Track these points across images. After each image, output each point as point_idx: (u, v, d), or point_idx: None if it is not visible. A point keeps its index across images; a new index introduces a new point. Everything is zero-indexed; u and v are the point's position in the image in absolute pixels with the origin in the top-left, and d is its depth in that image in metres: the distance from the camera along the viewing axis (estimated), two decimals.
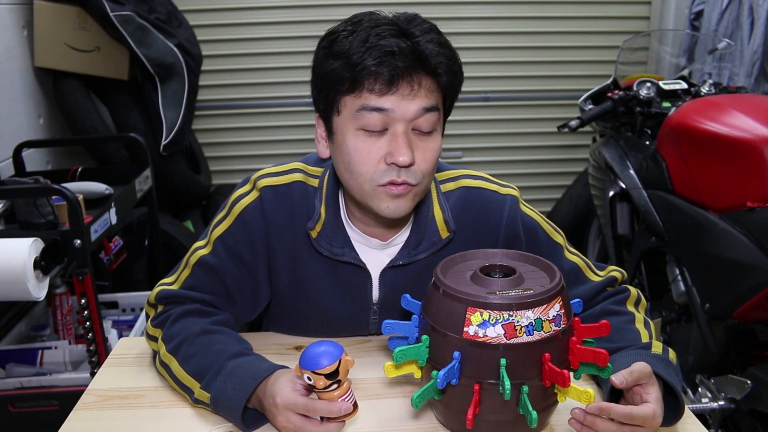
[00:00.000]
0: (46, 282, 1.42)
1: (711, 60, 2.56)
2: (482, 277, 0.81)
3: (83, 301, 1.55)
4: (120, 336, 1.84)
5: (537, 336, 0.75)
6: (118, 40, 2.21)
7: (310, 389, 0.83)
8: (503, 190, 1.06)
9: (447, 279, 0.81)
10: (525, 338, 0.75)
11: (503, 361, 0.74)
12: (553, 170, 3.29)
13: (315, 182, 1.04)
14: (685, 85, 2.05)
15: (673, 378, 0.84)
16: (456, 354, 0.76)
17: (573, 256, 1.06)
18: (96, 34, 2.23)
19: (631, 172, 1.99)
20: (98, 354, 1.61)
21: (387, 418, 0.88)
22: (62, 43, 2.20)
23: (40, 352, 1.69)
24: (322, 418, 0.82)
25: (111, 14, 2.13)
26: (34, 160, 2.13)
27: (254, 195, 1.02)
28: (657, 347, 0.90)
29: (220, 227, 1.03)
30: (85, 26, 2.22)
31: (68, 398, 1.43)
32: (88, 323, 1.58)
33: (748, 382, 1.50)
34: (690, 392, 1.69)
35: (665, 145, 1.81)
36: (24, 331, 1.86)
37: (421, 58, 0.86)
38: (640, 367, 0.79)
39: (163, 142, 2.31)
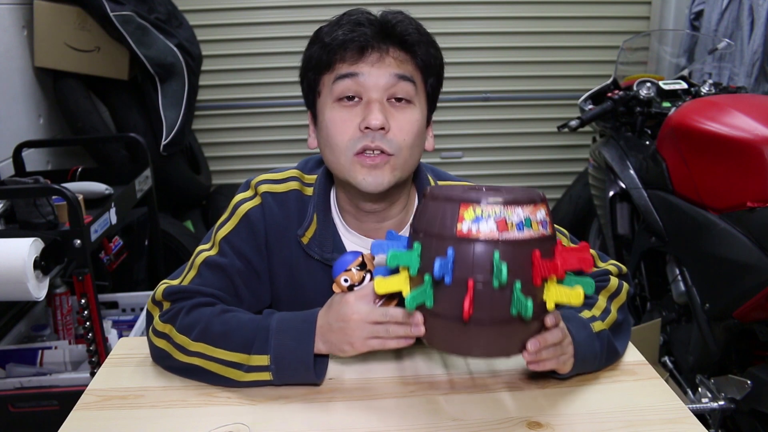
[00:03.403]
0: (46, 282, 1.42)
1: (711, 60, 2.56)
2: (471, 190, 0.84)
3: (83, 301, 1.55)
4: (120, 336, 1.84)
5: (527, 233, 0.76)
6: (118, 40, 2.21)
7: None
8: None
9: (439, 191, 0.83)
10: (516, 234, 0.76)
11: (497, 254, 0.75)
12: (553, 170, 3.29)
13: (310, 191, 1.06)
14: (685, 85, 2.05)
15: (579, 334, 0.91)
16: (450, 249, 0.76)
17: None
18: (96, 34, 2.23)
19: (631, 172, 1.99)
20: (98, 354, 1.61)
21: (387, 417, 0.88)
22: (62, 43, 2.21)
23: (40, 352, 1.69)
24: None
25: (111, 14, 2.13)
26: (34, 160, 2.13)
27: (257, 200, 1.04)
28: (597, 326, 0.95)
29: (224, 228, 1.04)
30: (85, 26, 2.22)
31: (68, 398, 1.43)
32: (88, 323, 1.58)
33: (748, 382, 1.50)
34: (690, 392, 1.69)
35: (665, 145, 1.81)
36: (24, 331, 1.86)
37: (387, 27, 0.91)
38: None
39: (163, 142, 2.31)
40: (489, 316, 0.78)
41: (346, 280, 0.90)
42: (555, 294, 0.78)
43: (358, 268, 0.90)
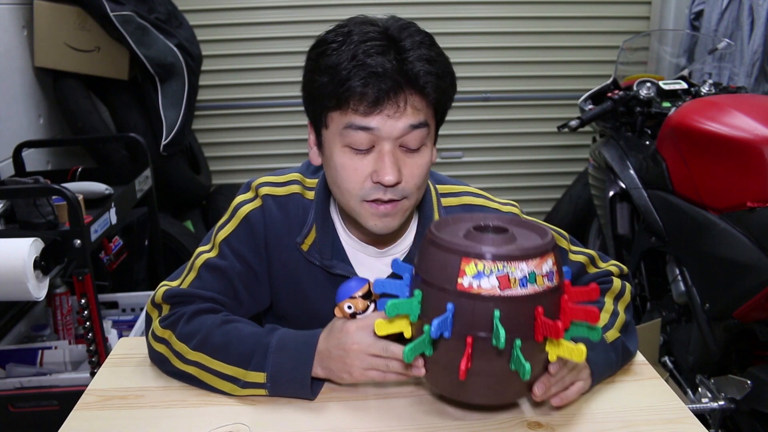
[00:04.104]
0: (46, 282, 1.42)
1: (711, 60, 2.56)
2: (476, 234, 0.81)
3: (83, 301, 1.55)
4: (120, 336, 1.84)
5: (530, 289, 0.74)
6: (118, 40, 2.21)
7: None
8: (505, 208, 1.06)
9: (441, 234, 0.80)
10: (519, 290, 0.74)
11: (497, 313, 0.74)
12: (553, 170, 3.29)
13: (311, 195, 1.04)
14: (685, 85, 2.05)
15: (597, 357, 0.91)
16: (449, 306, 0.75)
17: (577, 255, 1.07)
18: (96, 34, 2.23)
19: (631, 172, 1.99)
20: (98, 354, 1.61)
21: (388, 417, 0.88)
22: (62, 43, 2.20)
23: (40, 352, 1.69)
24: None
25: (111, 14, 2.13)
26: (34, 160, 2.13)
27: (257, 202, 1.03)
28: (611, 335, 0.94)
29: (224, 230, 1.04)
30: (85, 26, 2.22)
31: (68, 398, 1.43)
32: (88, 323, 1.58)
33: (748, 382, 1.50)
34: (690, 392, 1.69)
35: (665, 145, 1.81)
36: (24, 331, 1.86)
37: (408, 77, 0.85)
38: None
39: (163, 142, 2.31)
40: (488, 370, 0.78)
41: (349, 307, 0.89)
42: (557, 349, 0.77)
43: (363, 296, 0.89)
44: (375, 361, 0.86)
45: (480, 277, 0.74)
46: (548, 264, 0.76)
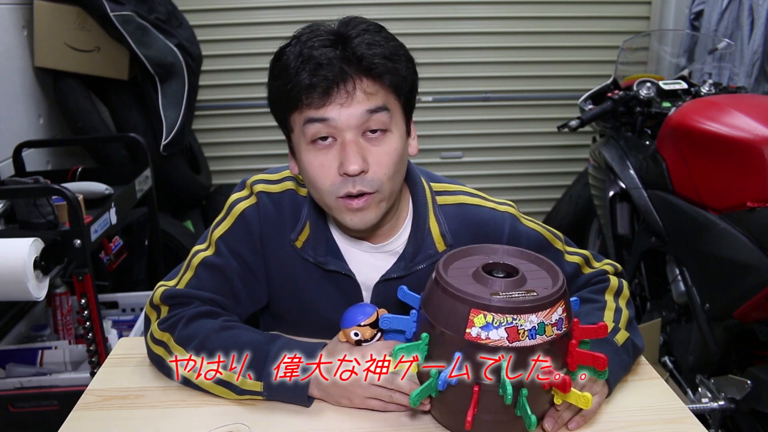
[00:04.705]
0: (46, 282, 1.42)
1: (711, 60, 2.56)
2: (485, 276, 0.81)
3: (83, 301, 1.55)
4: (120, 336, 1.84)
5: (539, 340, 0.75)
6: (118, 40, 2.21)
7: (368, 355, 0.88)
8: (501, 208, 1.05)
9: (449, 276, 0.81)
10: (527, 342, 0.74)
11: (504, 364, 0.74)
12: (553, 170, 3.29)
13: (305, 191, 1.04)
14: (685, 85, 2.05)
15: (611, 364, 0.87)
16: (457, 354, 0.76)
17: (572, 256, 1.07)
18: (96, 34, 2.23)
19: (631, 172, 1.99)
20: (98, 354, 1.61)
21: (389, 416, 0.88)
22: (62, 43, 2.20)
23: (40, 352, 1.69)
24: None
25: (111, 14, 2.13)
26: (34, 160, 2.13)
27: (252, 199, 1.04)
28: (621, 337, 0.94)
29: (220, 228, 1.04)
30: (85, 26, 2.22)
31: (68, 398, 1.42)
32: (88, 323, 1.58)
33: (748, 382, 1.50)
34: (690, 392, 1.69)
35: (665, 145, 1.81)
36: (24, 331, 1.86)
37: (351, 62, 0.85)
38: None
39: (163, 142, 2.31)
40: (493, 415, 0.78)
41: (356, 334, 0.88)
42: (564, 396, 0.78)
43: (371, 324, 0.88)
44: (378, 391, 0.86)
45: (488, 328, 0.74)
46: (558, 312, 0.76)
